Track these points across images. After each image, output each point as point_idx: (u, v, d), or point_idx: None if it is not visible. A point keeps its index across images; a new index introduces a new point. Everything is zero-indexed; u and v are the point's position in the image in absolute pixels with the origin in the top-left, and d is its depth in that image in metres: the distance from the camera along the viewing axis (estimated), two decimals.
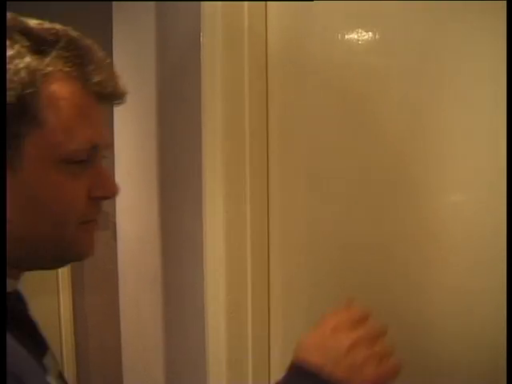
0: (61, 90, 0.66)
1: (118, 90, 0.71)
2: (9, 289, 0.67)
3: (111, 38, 1.55)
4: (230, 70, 0.95)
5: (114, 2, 1.31)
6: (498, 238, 0.67)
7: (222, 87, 0.95)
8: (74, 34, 0.69)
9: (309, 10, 0.89)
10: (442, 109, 0.72)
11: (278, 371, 0.98)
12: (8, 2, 0.71)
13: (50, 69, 0.64)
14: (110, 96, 0.71)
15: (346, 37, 0.83)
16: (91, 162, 0.68)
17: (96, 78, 0.68)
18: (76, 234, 0.68)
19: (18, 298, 0.71)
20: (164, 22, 1.15)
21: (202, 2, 0.98)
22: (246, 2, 0.95)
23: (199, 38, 0.98)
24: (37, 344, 0.69)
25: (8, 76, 0.62)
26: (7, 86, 0.62)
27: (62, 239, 0.67)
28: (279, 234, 0.97)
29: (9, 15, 0.69)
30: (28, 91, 0.63)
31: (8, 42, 0.64)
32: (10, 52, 0.64)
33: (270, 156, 0.97)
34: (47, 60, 0.65)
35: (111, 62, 0.70)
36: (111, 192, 0.70)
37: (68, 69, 0.66)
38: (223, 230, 0.94)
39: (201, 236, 0.99)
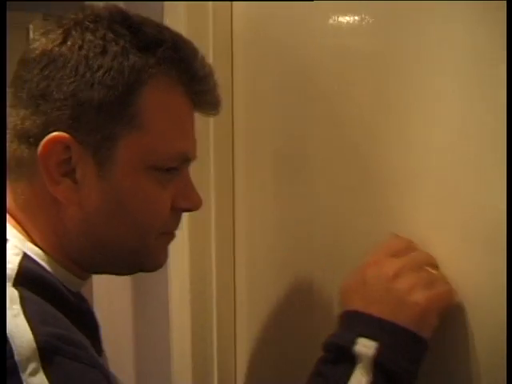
0: (163, 94, 0.62)
1: (217, 101, 0.68)
2: (75, 289, 0.66)
3: None
4: None
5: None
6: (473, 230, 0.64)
7: None
8: (176, 33, 0.65)
9: None
10: (417, 97, 0.70)
11: (244, 364, 0.98)
12: None
13: (154, 71, 0.61)
14: (207, 106, 0.68)
15: (313, 21, 0.82)
16: (179, 173, 0.65)
17: (199, 87, 0.65)
18: (155, 245, 0.66)
19: (83, 298, 0.69)
20: None
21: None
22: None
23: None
24: (97, 344, 0.67)
25: (111, 73, 0.58)
26: (108, 83, 0.58)
27: (141, 248, 0.65)
28: (245, 225, 0.97)
29: (109, 4, 0.64)
30: (130, 92, 0.59)
31: (111, 35, 0.60)
32: (114, 47, 0.59)
33: (235, 143, 0.97)
34: (152, 60, 0.61)
35: (213, 70, 0.66)
36: (195, 205, 0.69)
37: (172, 72, 0.62)
38: (187, 222, 0.94)
39: None
